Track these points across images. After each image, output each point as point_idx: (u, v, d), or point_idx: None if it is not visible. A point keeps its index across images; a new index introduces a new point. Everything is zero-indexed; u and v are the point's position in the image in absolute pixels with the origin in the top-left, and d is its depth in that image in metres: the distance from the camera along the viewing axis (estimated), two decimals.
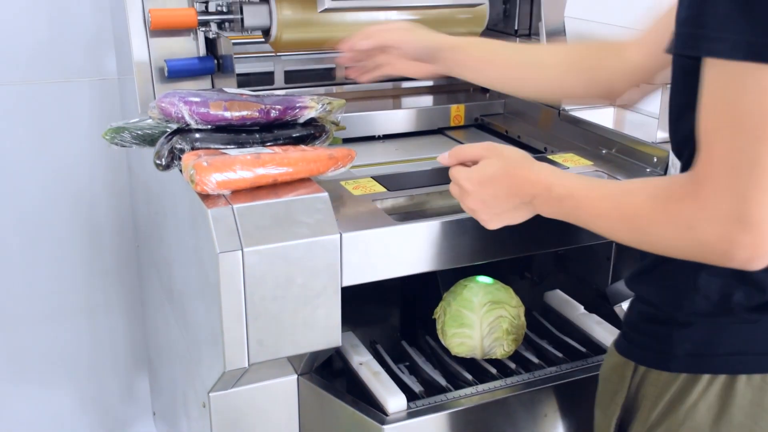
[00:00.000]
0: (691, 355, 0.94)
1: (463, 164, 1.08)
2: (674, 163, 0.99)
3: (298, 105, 1.25)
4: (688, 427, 0.94)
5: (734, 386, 0.92)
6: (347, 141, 1.56)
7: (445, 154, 1.10)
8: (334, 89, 1.88)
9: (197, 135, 1.19)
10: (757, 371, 0.91)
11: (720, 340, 0.93)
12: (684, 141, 0.91)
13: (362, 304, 1.56)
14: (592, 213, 0.93)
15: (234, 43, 1.54)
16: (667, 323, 0.96)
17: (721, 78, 0.75)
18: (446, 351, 1.43)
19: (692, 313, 0.94)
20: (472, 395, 1.28)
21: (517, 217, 1.05)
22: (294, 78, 1.85)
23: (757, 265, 0.78)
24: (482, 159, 1.05)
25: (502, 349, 1.36)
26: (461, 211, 1.13)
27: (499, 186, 1.03)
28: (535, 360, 1.40)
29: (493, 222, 1.07)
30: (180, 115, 1.18)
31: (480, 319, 1.35)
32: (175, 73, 1.44)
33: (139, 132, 1.23)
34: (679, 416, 0.95)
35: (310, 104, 1.26)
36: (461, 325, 1.35)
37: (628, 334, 1.04)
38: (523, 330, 1.40)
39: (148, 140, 1.24)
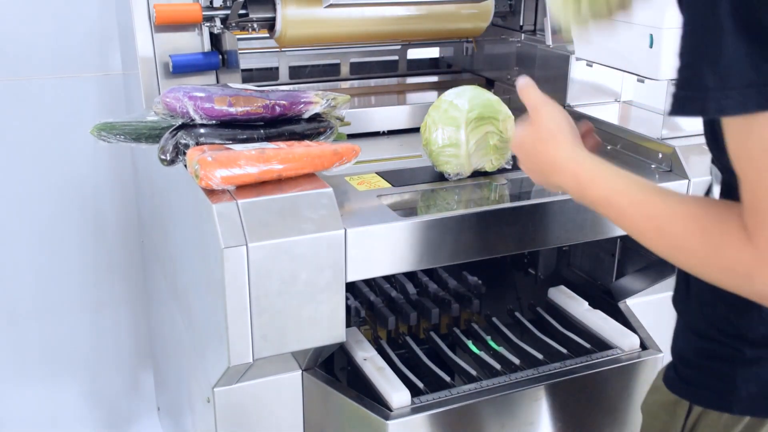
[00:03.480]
0: (757, 397, 0.86)
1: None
2: (714, 172, 0.90)
3: (302, 100, 1.25)
4: None
5: None
6: (352, 137, 1.56)
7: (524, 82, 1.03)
8: (339, 85, 1.88)
9: (202, 130, 1.19)
10: None
11: None
12: (724, 152, 0.80)
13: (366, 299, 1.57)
14: (631, 227, 0.85)
15: (238, 39, 1.54)
16: (730, 359, 0.87)
17: (743, 131, 0.71)
18: (452, 348, 1.43)
19: (757, 345, 0.85)
20: (476, 391, 1.28)
21: (559, 187, 0.97)
22: (298, 73, 1.85)
23: None
24: (529, 114, 1.00)
25: (489, 163, 1.34)
26: (466, 207, 1.12)
27: (527, 157, 0.99)
28: (540, 356, 1.40)
29: (540, 183, 1.01)
30: (185, 111, 1.18)
31: (467, 137, 1.30)
32: (180, 68, 1.44)
33: (126, 128, 1.24)
34: None
35: (315, 100, 1.26)
36: (447, 144, 1.31)
37: (681, 369, 0.94)
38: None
39: (134, 136, 1.24)
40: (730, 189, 0.82)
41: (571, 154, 0.93)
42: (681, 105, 0.74)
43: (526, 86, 1.02)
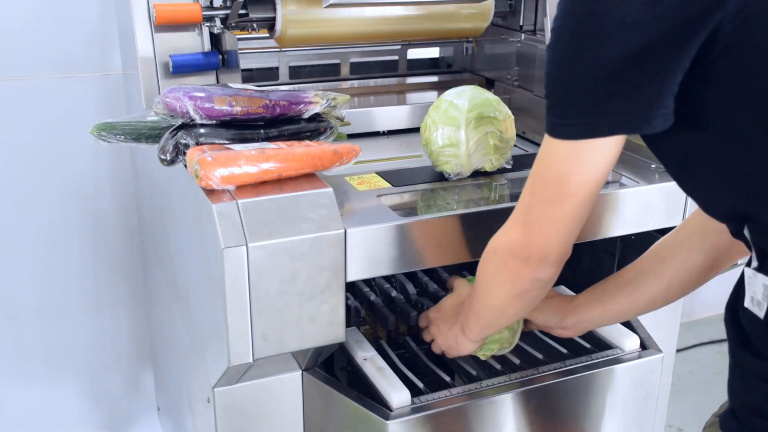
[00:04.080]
0: None
1: None
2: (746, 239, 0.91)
3: (302, 100, 1.25)
4: None
5: None
6: (352, 136, 1.56)
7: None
8: (339, 85, 1.88)
9: (202, 130, 1.19)
10: None
11: None
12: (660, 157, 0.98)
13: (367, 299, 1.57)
14: (475, 312, 1.18)
15: (238, 39, 1.54)
16: None
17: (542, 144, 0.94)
18: None
19: None
20: (476, 391, 1.28)
21: (463, 346, 1.27)
22: (298, 73, 1.85)
23: (542, 272, 1.04)
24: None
25: (489, 163, 1.35)
26: (466, 207, 1.13)
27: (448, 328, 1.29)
28: (540, 356, 1.40)
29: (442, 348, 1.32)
30: (185, 111, 1.18)
31: (467, 137, 1.32)
32: (180, 68, 1.44)
33: (126, 128, 1.24)
34: None
35: (315, 100, 1.26)
36: (447, 144, 1.33)
37: (742, 414, 0.90)
38: (512, 141, 1.37)
39: (134, 136, 1.24)
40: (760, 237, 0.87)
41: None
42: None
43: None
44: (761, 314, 0.85)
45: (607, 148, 0.88)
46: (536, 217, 0.97)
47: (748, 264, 0.89)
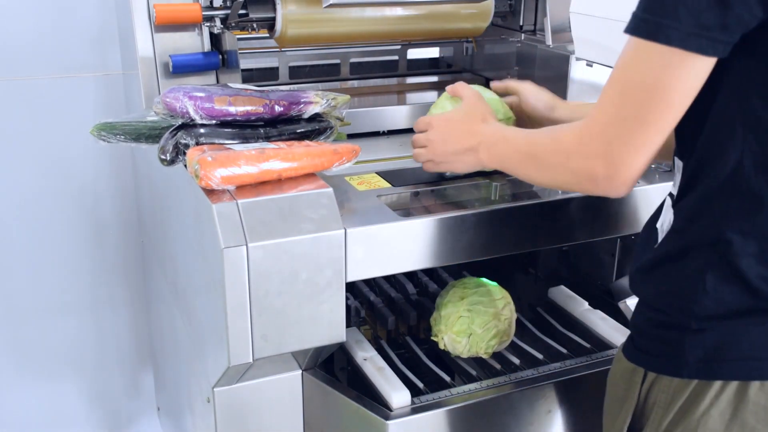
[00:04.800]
0: (703, 361, 0.92)
1: None
2: (676, 163, 0.99)
3: (302, 100, 1.25)
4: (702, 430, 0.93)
5: (747, 392, 0.90)
6: (352, 136, 1.56)
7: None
8: (339, 85, 1.87)
9: (202, 130, 1.19)
10: None
11: (732, 346, 0.91)
12: (686, 141, 0.94)
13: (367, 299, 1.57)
14: (513, 155, 1.10)
15: (238, 39, 1.54)
16: (678, 328, 0.94)
17: (626, 48, 0.88)
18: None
19: (703, 318, 0.92)
20: (476, 391, 1.28)
21: (460, 164, 1.20)
22: (298, 73, 1.85)
23: (617, 192, 0.93)
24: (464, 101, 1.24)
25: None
26: (465, 207, 1.13)
27: (449, 130, 1.21)
28: (540, 356, 1.40)
29: (433, 165, 1.23)
30: (185, 110, 1.18)
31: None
32: (180, 68, 1.44)
33: (126, 128, 1.24)
34: (691, 423, 0.93)
35: (315, 100, 1.26)
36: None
37: (637, 340, 1.02)
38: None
39: (134, 136, 1.24)
40: (690, 177, 0.94)
41: (497, 123, 1.19)
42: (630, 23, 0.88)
43: (455, 85, 1.28)
44: (659, 239, 0.98)
45: (709, 66, 0.84)
46: (624, 133, 0.89)
47: (671, 194, 1.00)
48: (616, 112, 0.89)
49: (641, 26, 0.85)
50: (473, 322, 1.34)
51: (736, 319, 0.91)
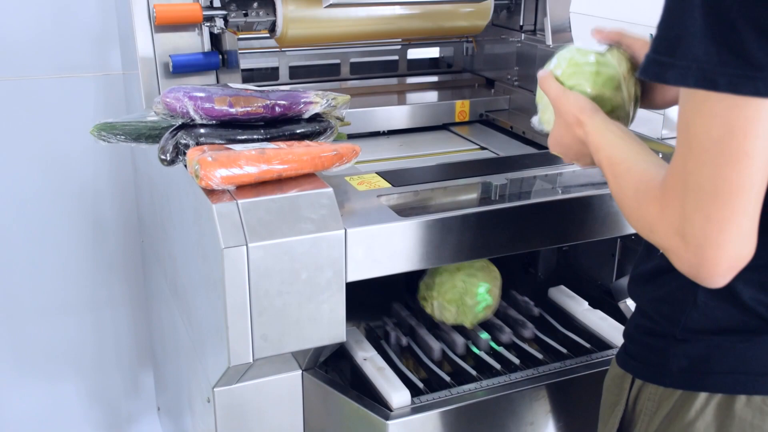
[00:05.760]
0: (687, 371, 0.92)
1: None
2: None
3: (302, 100, 1.25)
4: None
5: (733, 406, 0.89)
6: (352, 136, 1.56)
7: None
8: (339, 85, 1.88)
9: (202, 130, 1.19)
10: (756, 392, 0.88)
11: (718, 359, 0.90)
12: None
13: (367, 298, 1.57)
14: (608, 172, 0.92)
15: (239, 39, 1.54)
16: (664, 337, 0.94)
17: (683, 100, 0.76)
18: (450, 347, 1.43)
19: (689, 329, 0.92)
20: (476, 391, 1.28)
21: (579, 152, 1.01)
22: (299, 73, 1.85)
23: (710, 283, 0.79)
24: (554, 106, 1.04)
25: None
26: (465, 206, 1.12)
27: (566, 149, 1.03)
28: (540, 355, 1.40)
29: (586, 165, 1.04)
30: (185, 111, 1.18)
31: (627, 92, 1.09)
32: (180, 68, 1.44)
33: (126, 128, 1.24)
34: None
35: (315, 100, 1.26)
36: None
37: (627, 346, 1.02)
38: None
39: (134, 136, 1.24)
40: None
41: (592, 127, 0.96)
42: (645, 66, 0.78)
43: (545, 77, 1.04)
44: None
45: None
46: (702, 204, 0.75)
47: None
48: (686, 176, 0.76)
49: (693, 75, 0.73)
50: (467, 293, 1.38)
51: (725, 335, 0.90)
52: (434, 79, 1.97)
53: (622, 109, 1.03)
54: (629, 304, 1.47)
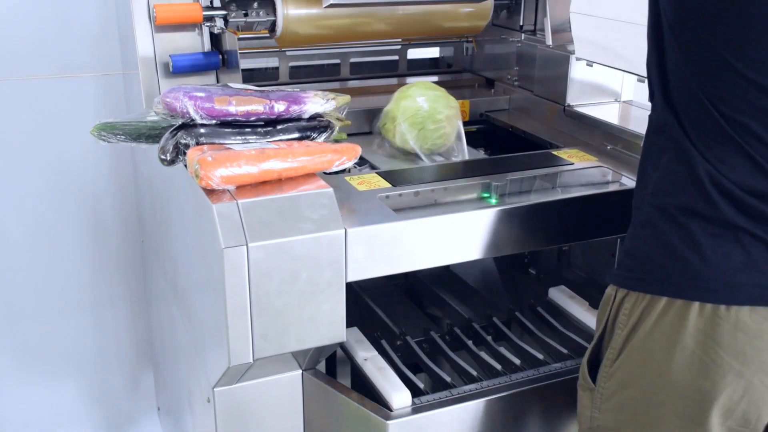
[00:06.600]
0: (641, 274, 0.99)
1: None
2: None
3: (302, 100, 1.25)
4: (646, 348, 0.99)
5: (687, 315, 0.95)
6: (352, 136, 1.56)
7: None
8: (339, 85, 1.88)
9: (202, 130, 1.19)
10: (708, 300, 0.94)
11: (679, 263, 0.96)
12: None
13: (367, 299, 1.57)
14: None
15: (239, 39, 1.54)
16: (632, 237, 1.02)
17: None
18: (452, 347, 1.43)
19: (650, 206, 0.99)
20: (476, 391, 1.28)
21: None
22: (299, 73, 1.85)
23: None
24: None
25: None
26: (465, 207, 1.12)
27: None
28: (540, 356, 1.40)
29: None
30: (185, 110, 1.18)
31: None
32: (180, 68, 1.44)
33: (126, 128, 1.24)
34: (637, 342, 1.00)
35: (315, 99, 1.26)
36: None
37: (619, 263, 1.08)
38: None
39: (134, 136, 1.24)
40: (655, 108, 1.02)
41: None
42: None
43: None
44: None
45: None
46: None
47: None
48: None
49: None
50: (429, 117, 1.43)
51: (682, 216, 0.96)
52: (434, 79, 1.97)
53: None
54: None
